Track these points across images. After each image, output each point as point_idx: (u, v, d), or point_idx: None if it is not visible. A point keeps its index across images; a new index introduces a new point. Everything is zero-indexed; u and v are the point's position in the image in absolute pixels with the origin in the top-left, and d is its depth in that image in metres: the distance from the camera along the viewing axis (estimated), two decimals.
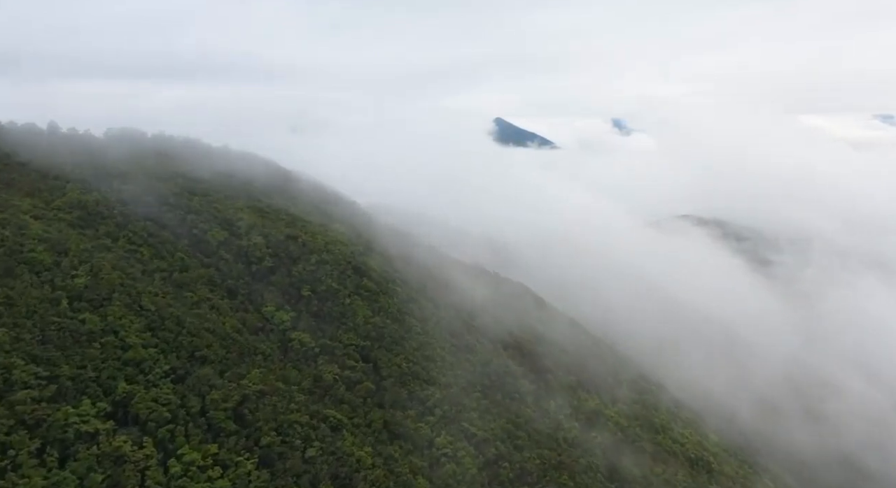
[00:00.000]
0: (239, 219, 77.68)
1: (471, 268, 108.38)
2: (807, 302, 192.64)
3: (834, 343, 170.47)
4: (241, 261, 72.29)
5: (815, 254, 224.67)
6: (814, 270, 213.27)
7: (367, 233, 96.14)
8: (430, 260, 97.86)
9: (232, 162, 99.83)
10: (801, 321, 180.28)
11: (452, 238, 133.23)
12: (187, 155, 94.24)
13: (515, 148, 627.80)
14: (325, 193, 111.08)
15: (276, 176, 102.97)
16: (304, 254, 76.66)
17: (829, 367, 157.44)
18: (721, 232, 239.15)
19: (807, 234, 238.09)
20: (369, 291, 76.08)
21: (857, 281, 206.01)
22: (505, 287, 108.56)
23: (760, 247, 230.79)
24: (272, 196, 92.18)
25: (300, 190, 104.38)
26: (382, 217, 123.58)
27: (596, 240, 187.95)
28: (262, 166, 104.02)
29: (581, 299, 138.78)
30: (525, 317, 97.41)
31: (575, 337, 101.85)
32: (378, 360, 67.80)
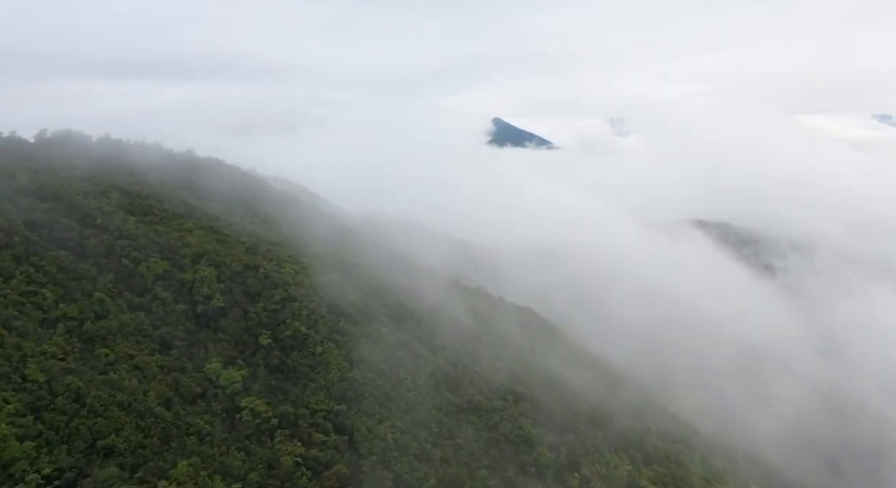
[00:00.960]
0: (185, 244, 61.52)
1: (470, 293, 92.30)
2: (817, 312, 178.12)
3: (854, 358, 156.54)
4: (182, 301, 56.13)
5: (820, 260, 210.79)
6: (821, 278, 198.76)
7: (350, 255, 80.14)
8: (424, 286, 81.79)
9: (193, 171, 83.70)
10: (815, 334, 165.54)
11: (445, 250, 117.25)
12: (137, 163, 78.08)
13: (513, 148, 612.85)
14: (304, 206, 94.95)
15: (244, 187, 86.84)
16: (266, 289, 60.51)
17: (857, 387, 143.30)
18: (722, 234, 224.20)
19: (810, 238, 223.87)
20: (347, 336, 60.01)
21: (868, 289, 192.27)
22: (509, 313, 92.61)
23: (763, 252, 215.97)
24: (235, 212, 76.02)
25: (274, 202, 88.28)
26: (370, 230, 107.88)
27: (594, 246, 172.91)
28: (228, 175, 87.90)
29: (578, 309, 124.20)
30: (534, 353, 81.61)
31: (591, 373, 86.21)
32: (356, 431, 51.78)
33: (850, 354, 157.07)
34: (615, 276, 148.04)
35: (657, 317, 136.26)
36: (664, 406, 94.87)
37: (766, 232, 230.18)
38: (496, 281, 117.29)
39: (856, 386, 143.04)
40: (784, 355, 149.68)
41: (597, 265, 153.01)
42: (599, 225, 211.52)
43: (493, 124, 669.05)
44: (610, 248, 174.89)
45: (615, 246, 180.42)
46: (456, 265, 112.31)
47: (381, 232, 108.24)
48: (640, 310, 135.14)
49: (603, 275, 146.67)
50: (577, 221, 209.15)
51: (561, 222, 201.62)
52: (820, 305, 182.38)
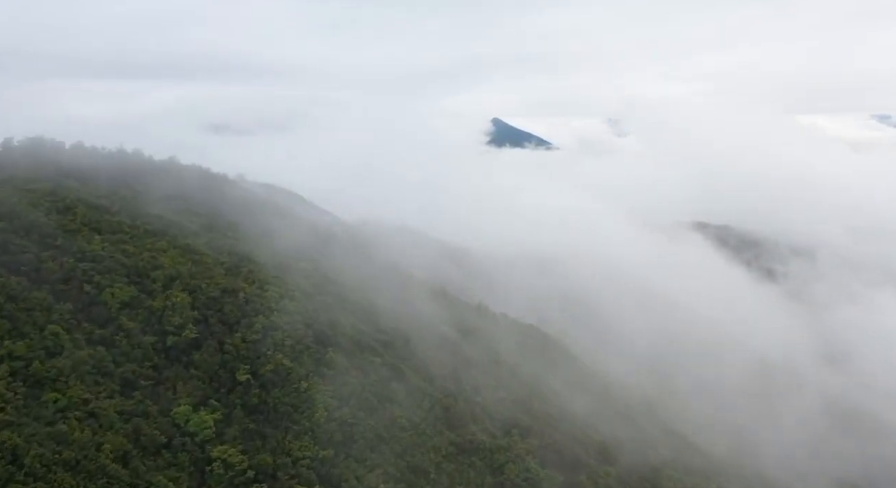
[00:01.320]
0: (157, 266, 55.24)
1: (470, 311, 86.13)
2: (822, 319, 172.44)
3: (863, 368, 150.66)
4: (151, 332, 49.86)
5: (822, 265, 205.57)
6: (824, 284, 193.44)
7: (341, 272, 73.89)
8: (420, 304, 75.58)
9: (174, 180, 77.34)
10: (821, 342, 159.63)
11: (441, 260, 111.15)
12: (112, 173, 71.76)
13: (512, 149, 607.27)
14: (295, 218, 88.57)
15: (230, 198, 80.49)
16: (246, 317, 54.24)
17: (869, 400, 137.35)
18: (722, 237, 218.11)
19: (811, 241, 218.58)
20: (336, 368, 53.77)
21: (872, 295, 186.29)
22: (511, 332, 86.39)
23: (764, 256, 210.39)
24: (217, 228, 69.70)
25: (262, 214, 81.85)
26: (364, 240, 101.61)
27: (592, 251, 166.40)
28: (213, 185, 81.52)
29: (577, 319, 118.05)
30: (538, 376, 75.40)
31: (598, 397, 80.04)
32: (344, 482, 45.57)
33: (859, 364, 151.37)
34: (615, 283, 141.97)
35: (659, 327, 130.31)
36: (674, 429, 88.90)
37: (766, 234, 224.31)
38: (494, 290, 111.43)
39: (867, 398, 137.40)
40: (791, 366, 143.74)
41: (596, 272, 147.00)
42: (598, 229, 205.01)
43: (493, 125, 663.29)
44: (609, 253, 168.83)
45: (614, 251, 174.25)
46: (453, 276, 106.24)
47: (376, 242, 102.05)
48: (641, 319, 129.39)
49: (602, 282, 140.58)
50: (576, 225, 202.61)
51: (559, 226, 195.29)
52: (824, 312, 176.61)
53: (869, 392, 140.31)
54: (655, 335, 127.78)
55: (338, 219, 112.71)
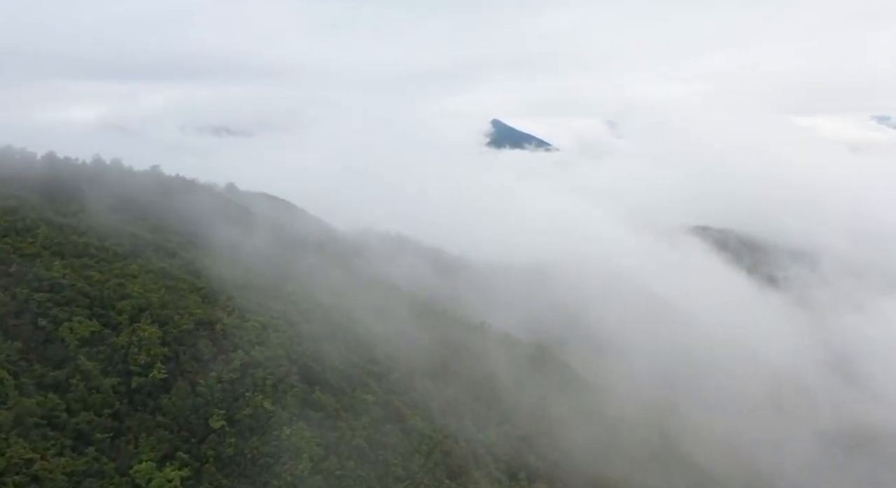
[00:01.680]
0: (124, 295, 49.34)
1: (471, 331, 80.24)
2: (827, 328, 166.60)
3: (872, 380, 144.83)
4: (114, 373, 44.01)
5: (824, 270, 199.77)
6: (828, 291, 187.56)
7: (332, 292, 68.00)
8: (416, 327, 69.66)
9: (154, 195, 71.38)
10: (828, 353, 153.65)
11: (438, 272, 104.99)
12: (83, 187, 65.83)
13: (511, 150, 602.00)
14: (286, 232, 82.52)
15: (216, 211, 74.44)
16: (223, 352, 48.36)
17: (881, 415, 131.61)
18: (722, 242, 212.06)
19: (812, 246, 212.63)
20: (323, 410, 47.94)
21: (877, 302, 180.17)
22: (516, 354, 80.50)
23: (765, 261, 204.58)
24: (196, 246, 63.69)
25: (251, 229, 75.89)
26: (357, 253, 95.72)
27: (592, 258, 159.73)
28: (197, 199, 75.44)
29: (579, 332, 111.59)
30: (546, 405, 69.62)
31: (610, 426, 74.39)
32: None
33: (869, 377, 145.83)
34: (616, 291, 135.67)
35: (663, 338, 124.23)
36: (689, 458, 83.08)
37: (766, 239, 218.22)
38: (494, 303, 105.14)
39: (881, 415, 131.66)
40: (800, 378, 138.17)
41: (597, 280, 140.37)
42: (598, 235, 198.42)
43: (492, 125, 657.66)
44: (610, 260, 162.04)
45: (615, 258, 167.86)
46: (451, 290, 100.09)
47: (370, 255, 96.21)
48: (645, 329, 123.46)
49: (603, 290, 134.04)
50: (576, 231, 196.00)
51: (559, 232, 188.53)
52: (829, 319, 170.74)
53: (881, 405, 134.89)
54: (660, 346, 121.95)
55: (331, 229, 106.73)
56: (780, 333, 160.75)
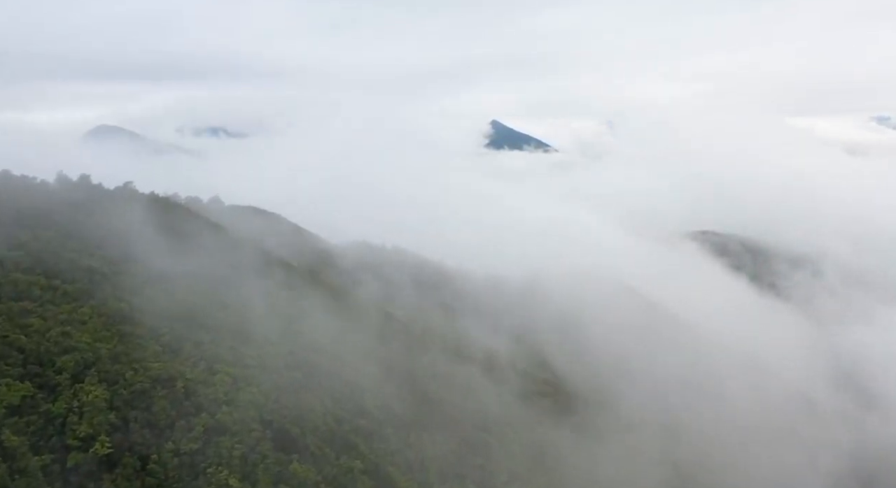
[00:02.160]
0: (68, 348, 41.73)
1: (472, 363, 72.54)
2: (834, 340, 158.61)
3: (885, 398, 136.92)
4: (46, 449, 36.42)
5: (828, 278, 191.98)
6: (833, 300, 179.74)
7: (319, 328, 60.24)
8: (417, 361, 62.05)
9: (121, 218, 63.44)
10: (836, 369, 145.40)
11: (436, 289, 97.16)
12: (39, 211, 57.95)
13: (510, 151, 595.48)
14: (271, 253, 74.68)
15: (189, 234, 66.51)
16: (184, 416, 40.72)
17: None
18: (723, 248, 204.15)
19: (814, 253, 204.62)
20: (302, 483, 40.39)
21: (883, 312, 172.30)
22: (528, 390, 73.05)
23: (768, 269, 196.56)
24: (164, 280, 55.80)
25: (229, 252, 68.01)
26: (350, 270, 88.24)
27: (590, 268, 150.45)
28: (171, 221, 67.45)
29: (578, 353, 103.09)
30: (570, 457, 62.08)
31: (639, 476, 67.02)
32: None
33: (882, 394, 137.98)
34: (617, 303, 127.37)
35: (667, 353, 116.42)
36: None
37: (768, 245, 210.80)
38: (494, 322, 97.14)
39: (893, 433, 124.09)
40: (812, 397, 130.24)
41: (596, 291, 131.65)
42: (597, 241, 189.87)
43: (491, 126, 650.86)
44: (609, 269, 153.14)
45: (614, 266, 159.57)
46: (450, 312, 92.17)
47: (362, 275, 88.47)
48: (648, 345, 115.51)
49: (604, 302, 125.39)
50: (573, 238, 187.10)
51: (556, 240, 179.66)
52: (837, 332, 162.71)
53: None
54: (665, 361, 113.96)
55: (321, 246, 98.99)
56: (788, 345, 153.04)
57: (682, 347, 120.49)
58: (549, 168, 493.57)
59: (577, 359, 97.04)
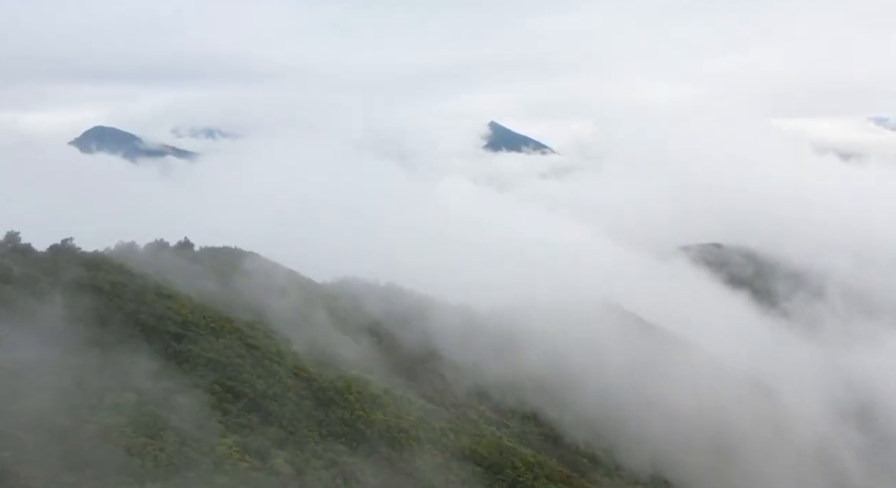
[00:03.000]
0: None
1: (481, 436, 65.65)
2: (845, 366, 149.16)
3: None
4: None
5: (830, 296, 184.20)
6: (838, 321, 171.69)
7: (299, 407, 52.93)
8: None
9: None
10: (856, 403, 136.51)
11: (442, 338, 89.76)
12: None
13: (509, 152, 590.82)
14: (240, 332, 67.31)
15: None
16: None
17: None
18: (717, 263, 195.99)
19: (815, 269, 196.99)
20: None
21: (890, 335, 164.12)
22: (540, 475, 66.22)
23: (765, 285, 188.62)
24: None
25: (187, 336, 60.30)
26: (339, 314, 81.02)
27: (585, 285, 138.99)
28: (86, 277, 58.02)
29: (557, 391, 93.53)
30: None
31: None
32: None
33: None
34: (617, 326, 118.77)
35: (673, 383, 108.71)
36: None
37: (766, 258, 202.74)
38: (507, 367, 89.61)
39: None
40: (829, 433, 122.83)
41: (592, 322, 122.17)
42: (589, 261, 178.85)
43: (490, 128, 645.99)
44: (601, 291, 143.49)
45: (608, 288, 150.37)
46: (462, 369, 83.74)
47: (354, 323, 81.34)
48: (652, 376, 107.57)
49: (598, 335, 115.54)
50: (563, 257, 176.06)
51: (547, 259, 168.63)
52: (841, 356, 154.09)
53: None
54: (672, 391, 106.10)
55: (308, 284, 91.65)
56: (793, 370, 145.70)
57: (688, 378, 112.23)
58: (546, 173, 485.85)
59: (573, 408, 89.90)
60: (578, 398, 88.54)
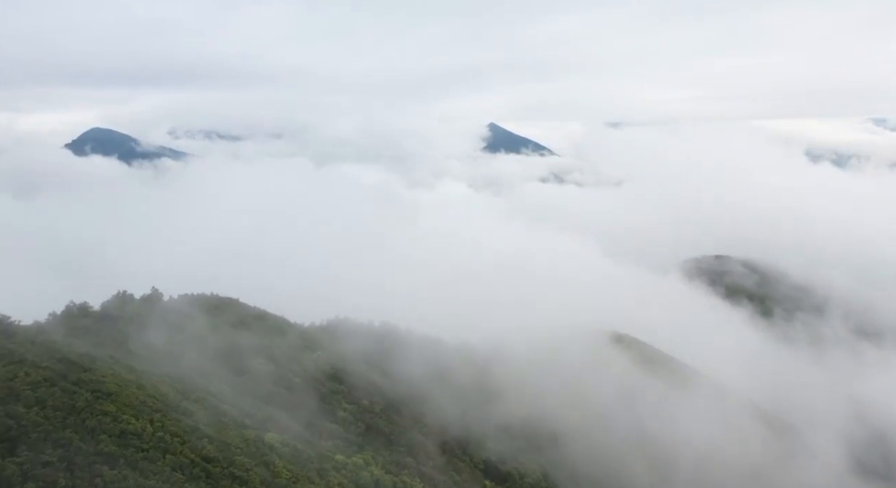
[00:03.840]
0: None
1: None
2: (853, 391, 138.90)
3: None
4: None
5: (834, 318, 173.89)
6: (844, 346, 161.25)
7: None
8: None
9: None
10: (872, 432, 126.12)
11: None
12: None
13: (507, 154, 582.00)
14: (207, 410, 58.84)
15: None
16: None
17: None
18: (715, 278, 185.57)
19: (816, 284, 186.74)
20: None
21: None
22: None
23: (768, 304, 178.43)
24: None
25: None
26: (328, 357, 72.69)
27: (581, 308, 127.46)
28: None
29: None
30: None
31: None
32: None
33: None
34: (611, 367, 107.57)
35: (685, 415, 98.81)
36: None
37: (768, 274, 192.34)
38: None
39: None
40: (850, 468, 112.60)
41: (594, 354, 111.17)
42: (583, 278, 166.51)
43: (489, 129, 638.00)
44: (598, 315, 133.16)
45: (606, 305, 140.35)
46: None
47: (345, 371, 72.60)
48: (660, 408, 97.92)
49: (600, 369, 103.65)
50: (557, 276, 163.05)
51: (541, 278, 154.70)
52: (854, 384, 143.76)
53: None
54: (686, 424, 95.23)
55: (297, 330, 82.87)
56: (801, 394, 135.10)
57: (699, 410, 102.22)
58: (545, 176, 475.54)
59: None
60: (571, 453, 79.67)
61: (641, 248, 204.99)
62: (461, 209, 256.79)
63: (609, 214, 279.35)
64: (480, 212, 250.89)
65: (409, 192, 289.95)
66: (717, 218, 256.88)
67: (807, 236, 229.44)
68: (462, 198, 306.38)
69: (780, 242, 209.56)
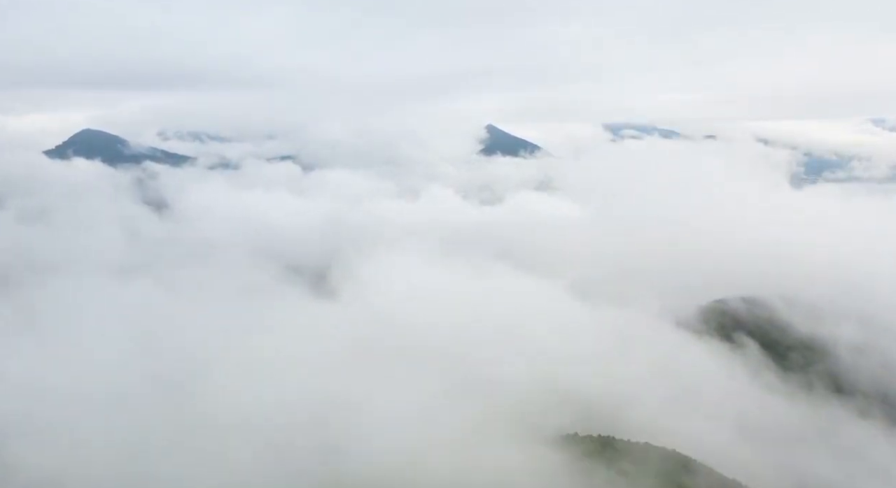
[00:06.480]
0: None
1: None
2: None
3: None
4: None
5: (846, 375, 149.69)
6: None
7: None
8: None
9: None
10: None
11: None
12: None
13: (503, 157, 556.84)
14: None
15: None
16: None
17: None
18: (719, 327, 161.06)
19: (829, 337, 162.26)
20: None
21: None
22: None
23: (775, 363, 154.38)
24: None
25: None
26: None
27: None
28: None
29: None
30: None
31: None
32: None
33: None
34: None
35: None
36: None
37: (773, 318, 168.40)
38: None
39: None
40: None
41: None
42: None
43: (486, 131, 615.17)
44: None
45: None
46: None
47: None
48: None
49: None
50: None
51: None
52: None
53: None
54: None
55: None
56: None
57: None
58: (542, 181, 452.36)
59: None
60: None
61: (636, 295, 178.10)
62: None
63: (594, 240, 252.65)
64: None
65: (391, 203, 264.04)
66: (714, 255, 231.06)
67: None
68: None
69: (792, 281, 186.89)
